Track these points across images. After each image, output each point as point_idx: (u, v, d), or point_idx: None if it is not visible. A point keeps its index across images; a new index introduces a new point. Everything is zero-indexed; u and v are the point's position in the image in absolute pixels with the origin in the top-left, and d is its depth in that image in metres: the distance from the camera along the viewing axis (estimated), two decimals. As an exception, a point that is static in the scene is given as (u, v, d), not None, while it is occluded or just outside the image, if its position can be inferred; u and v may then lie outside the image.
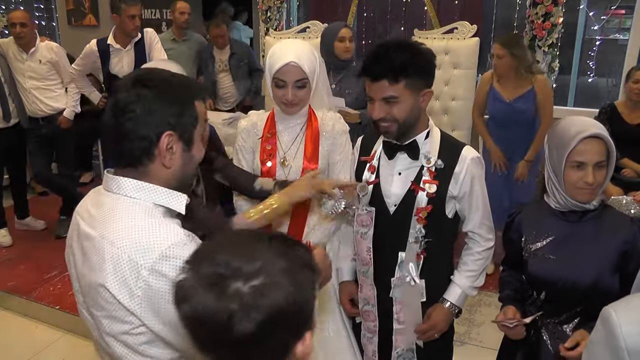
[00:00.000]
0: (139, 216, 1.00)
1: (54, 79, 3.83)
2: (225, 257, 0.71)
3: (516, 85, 3.12)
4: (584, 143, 1.38)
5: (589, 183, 1.38)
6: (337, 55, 3.02)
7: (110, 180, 1.05)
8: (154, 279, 0.94)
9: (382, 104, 1.47)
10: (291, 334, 0.72)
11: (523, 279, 1.61)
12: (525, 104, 3.10)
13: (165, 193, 1.05)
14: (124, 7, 3.35)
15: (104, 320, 1.02)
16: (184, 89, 1.07)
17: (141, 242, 0.96)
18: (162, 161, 1.03)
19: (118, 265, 0.96)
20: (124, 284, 0.96)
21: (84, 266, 1.04)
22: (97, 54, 3.51)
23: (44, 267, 3.48)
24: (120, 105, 1.00)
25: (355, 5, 4.31)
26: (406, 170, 1.57)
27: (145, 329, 0.99)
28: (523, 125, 3.17)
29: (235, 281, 0.68)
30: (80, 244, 1.06)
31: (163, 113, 1.01)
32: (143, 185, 1.03)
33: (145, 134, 1.00)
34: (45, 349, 2.83)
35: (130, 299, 0.96)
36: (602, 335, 0.90)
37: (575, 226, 1.48)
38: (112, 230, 0.99)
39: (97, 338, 1.09)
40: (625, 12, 5.88)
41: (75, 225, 1.10)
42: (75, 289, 1.13)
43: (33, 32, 3.75)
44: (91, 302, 1.04)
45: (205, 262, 0.72)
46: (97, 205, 1.07)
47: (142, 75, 1.05)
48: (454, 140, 1.62)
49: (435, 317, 1.62)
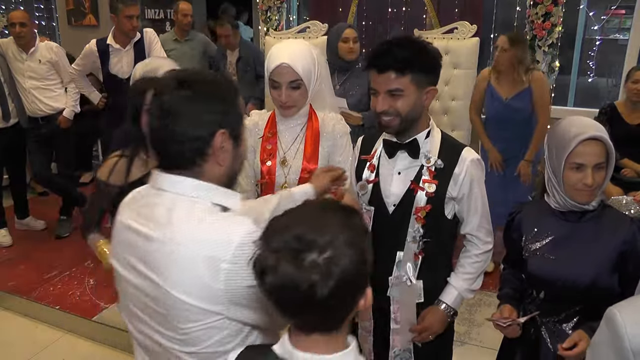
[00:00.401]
0: (204, 215, 1.00)
1: (54, 78, 3.83)
2: (299, 231, 0.81)
3: (513, 83, 3.13)
4: (583, 145, 1.38)
5: (588, 185, 1.39)
6: (341, 56, 3.02)
7: (164, 179, 1.04)
8: (235, 267, 0.96)
9: (386, 96, 1.47)
10: (357, 291, 0.85)
11: (523, 278, 1.61)
12: (522, 102, 3.12)
13: (223, 192, 1.06)
14: (122, 7, 3.35)
15: (162, 324, 1.02)
16: (228, 87, 1.08)
17: (216, 239, 0.97)
18: (216, 160, 1.04)
19: (192, 265, 0.96)
20: (199, 283, 0.96)
21: (144, 266, 1.02)
22: (97, 54, 3.51)
23: (44, 267, 3.49)
24: (167, 107, 1.00)
25: (355, 5, 4.31)
26: (406, 170, 1.57)
27: (215, 321, 0.99)
28: (520, 124, 3.18)
29: (311, 253, 0.79)
30: (136, 246, 1.04)
31: (214, 112, 1.02)
32: (201, 184, 1.04)
33: (198, 135, 1.01)
34: (45, 349, 2.83)
35: (207, 295, 0.96)
36: (606, 336, 0.90)
37: (574, 226, 1.49)
38: (179, 231, 0.98)
39: (149, 344, 1.08)
40: (625, 12, 5.89)
41: (123, 228, 1.09)
42: (123, 292, 1.11)
43: (32, 32, 3.76)
44: (147, 304, 1.03)
45: (280, 236, 0.82)
46: (150, 206, 1.05)
47: (185, 76, 1.05)
48: (454, 141, 1.62)
49: (429, 319, 1.62)
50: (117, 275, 1.13)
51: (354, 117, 2.85)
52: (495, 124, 3.27)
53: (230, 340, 1.03)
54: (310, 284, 0.78)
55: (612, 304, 0.97)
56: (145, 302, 1.03)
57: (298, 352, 0.86)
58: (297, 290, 0.79)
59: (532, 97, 3.10)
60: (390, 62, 1.44)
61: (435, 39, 3.65)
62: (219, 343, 1.02)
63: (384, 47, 1.47)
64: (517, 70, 3.09)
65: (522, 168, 3.17)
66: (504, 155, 3.25)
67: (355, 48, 3.02)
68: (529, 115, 3.16)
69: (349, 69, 3.06)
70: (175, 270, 0.97)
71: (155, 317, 1.03)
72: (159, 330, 1.03)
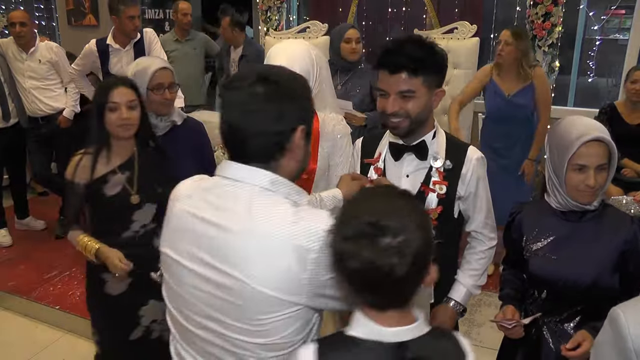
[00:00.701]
0: (287, 207, 1.01)
1: (54, 78, 3.83)
2: (372, 219, 0.88)
3: (516, 79, 3.10)
4: (586, 146, 1.38)
5: (591, 186, 1.39)
6: (344, 57, 3.03)
7: (241, 170, 1.04)
8: (322, 257, 0.97)
9: (397, 98, 1.43)
10: (425, 268, 0.93)
11: (524, 278, 1.61)
12: (525, 98, 3.09)
13: (296, 190, 1.07)
14: (123, 8, 3.34)
15: (237, 319, 1.01)
16: (304, 84, 1.10)
17: (305, 230, 0.98)
18: (293, 155, 1.05)
19: (280, 256, 0.96)
20: (284, 273, 0.96)
21: (214, 258, 1.01)
22: (97, 54, 3.51)
23: (44, 267, 3.49)
24: (253, 101, 1.00)
25: (355, 5, 4.31)
26: (414, 172, 1.55)
27: (294, 312, 1.00)
28: (521, 121, 3.16)
29: (385, 238, 0.87)
30: (204, 237, 1.02)
31: (296, 108, 1.03)
32: (279, 178, 1.04)
33: (281, 129, 1.02)
34: (45, 349, 2.83)
35: (291, 286, 0.97)
36: (610, 336, 0.91)
37: (575, 226, 1.49)
38: (264, 223, 0.98)
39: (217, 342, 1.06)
40: (625, 12, 5.88)
41: (187, 217, 1.06)
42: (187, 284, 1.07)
43: (33, 32, 3.76)
44: (222, 298, 1.01)
45: (354, 224, 0.89)
46: (225, 196, 1.03)
47: (266, 71, 1.05)
48: (458, 141, 1.62)
49: (441, 317, 1.62)
50: (168, 263, 1.11)
51: (358, 117, 2.85)
52: (495, 121, 3.24)
53: (301, 331, 1.03)
54: (390, 266, 0.86)
55: (613, 303, 0.97)
56: (212, 292, 1.02)
57: (386, 329, 0.92)
58: (378, 273, 0.87)
59: (535, 94, 3.08)
60: (403, 62, 1.40)
61: (435, 39, 3.62)
62: (293, 334, 1.02)
63: (396, 46, 1.42)
64: (522, 64, 3.05)
65: (526, 167, 3.17)
66: (501, 154, 3.22)
67: (357, 49, 3.02)
68: (530, 112, 3.15)
69: (352, 70, 3.06)
70: (258, 262, 0.97)
71: (223, 307, 1.01)
72: (224, 321, 1.02)
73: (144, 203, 1.85)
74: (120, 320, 1.91)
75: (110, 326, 1.94)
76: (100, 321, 1.97)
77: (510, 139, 3.20)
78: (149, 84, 1.98)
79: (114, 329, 1.93)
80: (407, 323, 0.94)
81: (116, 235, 1.83)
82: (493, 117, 3.26)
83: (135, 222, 1.85)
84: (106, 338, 1.97)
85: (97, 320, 1.98)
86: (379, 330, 0.92)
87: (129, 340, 1.92)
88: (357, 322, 0.95)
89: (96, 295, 1.94)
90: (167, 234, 1.12)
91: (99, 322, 1.98)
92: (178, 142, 2.11)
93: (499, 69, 3.17)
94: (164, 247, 1.12)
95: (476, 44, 3.60)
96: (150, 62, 2.04)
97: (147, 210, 1.87)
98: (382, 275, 0.87)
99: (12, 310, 3.19)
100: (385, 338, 0.92)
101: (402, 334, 0.93)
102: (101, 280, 1.88)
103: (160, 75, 2.00)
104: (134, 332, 1.92)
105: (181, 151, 2.11)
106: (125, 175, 1.83)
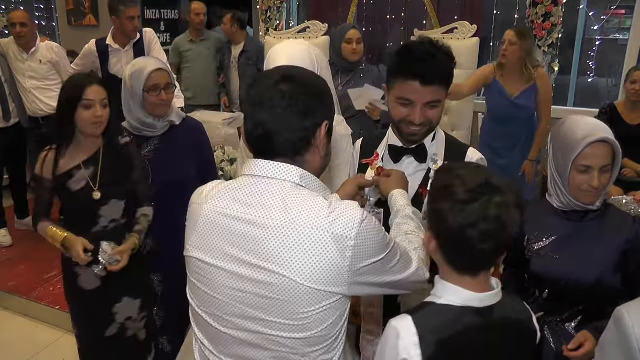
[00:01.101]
0: (321, 199, 1.03)
1: (54, 78, 3.83)
2: (481, 179, 0.99)
3: (520, 80, 3.09)
4: (591, 147, 1.38)
5: (594, 187, 1.39)
6: (345, 57, 3.02)
7: (268, 166, 1.05)
8: (359, 243, 1.00)
9: (423, 107, 1.38)
10: None
11: (525, 278, 1.61)
12: (528, 99, 3.10)
13: (323, 188, 1.09)
14: (123, 9, 3.34)
15: (276, 315, 1.01)
16: (325, 82, 1.13)
17: (341, 219, 0.99)
18: (318, 151, 1.08)
19: (321, 247, 0.98)
20: (325, 264, 0.98)
21: (251, 256, 1.01)
22: (96, 54, 3.51)
23: (44, 267, 3.49)
24: (275, 99, 1.03)
25: (355, 5, 4.31)
26: (413, 174, 1.53)
27: (334, 302, 1.02)
28: (522, 122, 3.17)
29: (502, 194, 0.97)
30: (240, 235, 1.03)
31: (321, 104, 1.07)
32: (307, 174, 1.06)
33: (308, 125, 1.04)
34: (45, 349, 2.83)
35: (332, 276, 0.99)
36: (615, 336, 0.91)
37: (578, 225, 1.49)
38: (301, 215, 0.99)
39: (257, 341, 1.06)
40: (625, 12, 5.88)
41: (219, 217, 1.06)
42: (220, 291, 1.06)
43: (33, 32, 3.76)
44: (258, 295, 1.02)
45: (465, 187, 0.98)
46: (257, 194, 1.04)
47: (288, 71, 1.08)
48: (457, 142, 1.60)
49: None
50: (198, 267, 1.10)
51: (379, 110, 2.81)
52: (497, 121, 3.24)
53: (338, 323, 1.05)
54: (513, 220, 0.97)
55: (614, 303, 0.97)
56: (250, 291, 1.02)
57: (477, 294, 1.03)
58: (499, 228, 0.96)
59: (538, 94, 3.08)
60: (437, 74, 1.36)
61: (435, 39, 3.65)
62: (331, 326, 1.04)
63: (426, 56, 1.36)
64: (526, 64, 3.04)
65: (526, 168, 3.18)
66: (500, 154, 3.22)
67: (358, 49, 3.02)
68: (532, 113, 3.16)
69: (353, 70, 3.05)
70: (299, 255, 0.98)
71: (263, 305, 1.02)
72: (264, 319, 1.02)
73: (108, 199, 1.85)
74: (95, 315, 1.94)
75: (86, 321, 1.97)
76: (77, 315, 2.00)
77: (511, 140, 3.21)
78: (144, 85, 1.97)
79: (90, 324, 1.96)
80: (490, 289, 1.05)
81: (85, 230, 1.85)
82: (495, 117, 3.25)
83: (102, 218, 1.86)
84: (84, 333, 2.00)
85: (74, 314, 2.01)
86: (471, 296, 1.02)
87: (105, 336, 1.94)
88: (446, 291, 1.05)
89: (71, 289, 1.95)
90: (194, 239, 1.10)
91: (75, 316, 2.01)
92: (177, 141, 2.11)
93: (502, 70, 3.15)
94: (192, 252, 1.10)
95: (476, 44, 3.60)
96: (145, 63, 2.03)
97: (114, 206, 1.88)
98: (500, 230, 0.96)
99: (12, 310, 3.19)
100: (477, 303, 1.03)
101: (488, 299, 1.04)
102: (74, 274, 1.90)
103: (156, 77, 2.00)
104: (109, 329, 1.94)
105: (180, 151, 2.11)
106: (89, 170, 1.84)
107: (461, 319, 1.02)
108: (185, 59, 4.53)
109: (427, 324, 1.01)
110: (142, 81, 1.97)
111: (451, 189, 0.99)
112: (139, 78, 1.98)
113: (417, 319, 1.02)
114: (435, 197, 1.04)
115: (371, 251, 1.02)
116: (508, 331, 1.07)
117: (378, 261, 1.04)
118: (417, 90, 1.36)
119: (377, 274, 1.06)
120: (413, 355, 1.00)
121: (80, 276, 1.90)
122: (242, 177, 1.09)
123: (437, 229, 1.04)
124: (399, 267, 1.10)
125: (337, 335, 1.07)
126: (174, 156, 2.09)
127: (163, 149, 2.07)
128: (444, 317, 1.02)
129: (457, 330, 1.01)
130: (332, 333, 1.05)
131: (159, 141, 2.07)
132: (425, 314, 1.04)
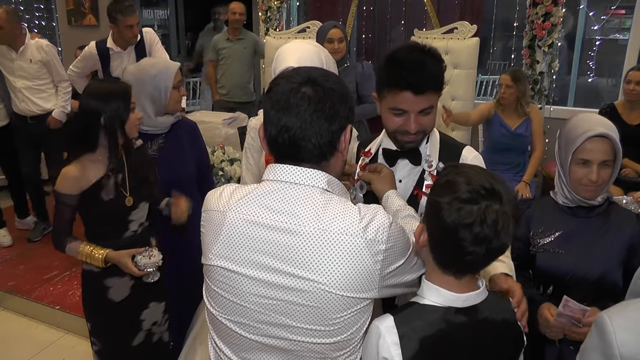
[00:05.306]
0: (350, 205, 1.03)
1: (45, 78, 3.72)
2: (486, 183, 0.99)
3: (517, 114, 3.37)
4: (590, 142, 1.41)
5: (593, 181, 1.42)
6: None
7: (294, 172, 1.03)
8: (389, 246, 1.01)
9: (417, 115, 1.36)
10: None
11: (529, 274, 1.62)
12: (525, 130, 3.37)
13: (345, 192, 1.09)
14: (121, 17, 3.30)
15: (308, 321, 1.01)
16: (345, 84, 1.11)
17: (371, 223, 0.99)
18: (341, 155, 1.07)
19: (354, 252, 0.98)
20: (358, 269, 0.98)
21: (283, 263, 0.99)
22: (97, 57, 3.48)
23: (44, 267, 3.49)
24: (302, 104, 1.00)
25: (355, 5, 4.31)
26: (406, 177, 1.52)
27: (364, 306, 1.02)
28: (518, 151, 3.42)
29: (503, 201, 0.97)
30: (269, 242, 1.01)
31: (344, 107, 1.05)
32: (332, 179, 1.05)
33: (335, 129, 1.03)
34: (45, 349, 2.83)
35: (364, 280, 0.99)
36: (596, 343, 0.90)
37: (582, 221, 1.51)
38: (333, 221, 0.99)
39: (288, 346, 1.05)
40: (625, 12, 5.88)
41: (246, 225, 1.03)
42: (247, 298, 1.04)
43: (15, 32, 3.57)
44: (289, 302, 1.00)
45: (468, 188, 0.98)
46: (286, 200, 1.02)
47: (310, 74, 1.05)
48: (453, 141, 1.59)
49: (510, 282, 1.58)
50: (222, 276, 1.06)
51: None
52: (497, 150, 3.43)
53: (364, 325, 1.06)
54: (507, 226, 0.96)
55: (617, 300, 0.96)
56: (280, 298, 1.00)
57: (460, 295, 1.03)
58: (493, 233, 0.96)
59: (531, 127, 3.35)
60: (429, 82, 1.32)
61: (435, 39, 3.65)
62: (359, 329, 1.04)
63: (416, 65, 1.31)
64: (520, 103, 3.34)
65: (520, 188, 3.31)
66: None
67: (340, 48, 2.99)
68: (528, 143, 3.41)
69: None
70: (331, 261, 0.97)
71: (293, 312, 1.00)
72: (294, 325, 1.01)
73: (138, 202, 1.84)
74: (122, 326, 1.88)
75: (112, 333, 1.90)
76: (103, 330, 1.91)
77: (503, 166, 3.42)
78: (173, 82, 1.99)
79: (116, 335, 1.89)
80: (475, 289, 1.05)
81: (117, 237, 1.82)
82: (495, 146, 3.46)
83: (132, 222, 1.84)
84: (108, 345, 1.91)
85: (99, 329, 1.92)
86: (453, 297, 1.03)
87: (132, 346, 1.89)
88: (429, 291, 1.05)
89: (97, 304, 1.89)
90: (218, 247, 1.05)
91: (101, 331, 1.92)
92: (179, 140, 2.12)
93: (502, 107, 3.41)
94: (216, 261, 1.06)
95: (476, 44, 3.60)
96: (166, 62, 2.05)
97: (142, 209, 1.87)
98: (493, 237, 0.96)
99: (12, 310, 3.19)
100: (459, 304, 1.03)
101: (472, 299, 1.04)
102: (104, 287, 1.85)
103: (179, 73, 2.03)
104: (136, 338, 1.90)
105: (183, 149, 2.12)
106: (118, 177, 1.79)
107: (444, 319, 1.02)
108: (221, 57, 4.68)
109: (409, 324, 1.02)
110: (170, 78, 1.98)
111: (454, 185, 0.99)
112: (167, 75, 1.98)
113: (399, 318, 1.03)
114: (436, 190, 1.04)
115: (399, 253, 1.03)
116: (493, 330, 1.06)
117: (404, 262, 1.05)
118: (409, 99, 1.33)
119: (402, 274, 1.07)
120: (394, 355, 1.01)
121: (111, 288, 1.84)
122: (267, 182, 1.06)
123: (432, 222, 1.03)
124: (418, 265, 1.12)
125: (362, 337, 1.07)
126: (177, 154, 2.10)
127: (167, 147, 2.08)
128: (426, 317, 1.03)
129: (440, 330, 1.01)
130: (358, 335, 1.05)
131: (163, 140, 2.08)
132: (408, 314, 1.04)
